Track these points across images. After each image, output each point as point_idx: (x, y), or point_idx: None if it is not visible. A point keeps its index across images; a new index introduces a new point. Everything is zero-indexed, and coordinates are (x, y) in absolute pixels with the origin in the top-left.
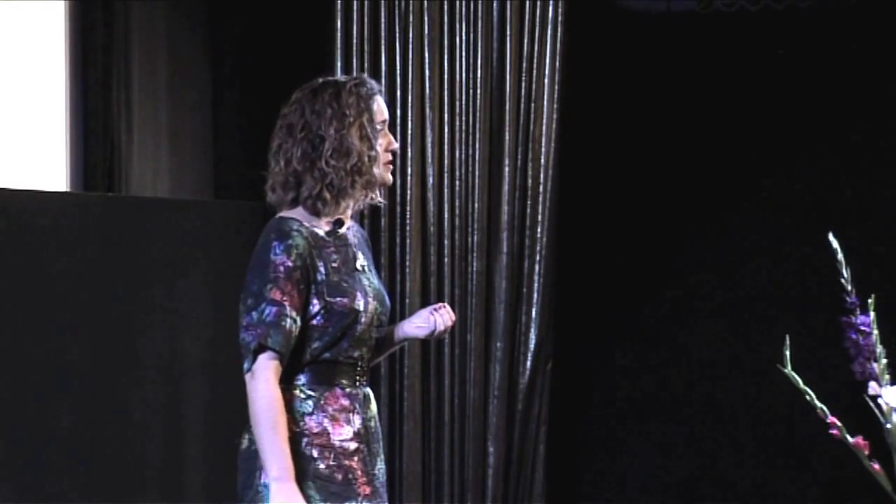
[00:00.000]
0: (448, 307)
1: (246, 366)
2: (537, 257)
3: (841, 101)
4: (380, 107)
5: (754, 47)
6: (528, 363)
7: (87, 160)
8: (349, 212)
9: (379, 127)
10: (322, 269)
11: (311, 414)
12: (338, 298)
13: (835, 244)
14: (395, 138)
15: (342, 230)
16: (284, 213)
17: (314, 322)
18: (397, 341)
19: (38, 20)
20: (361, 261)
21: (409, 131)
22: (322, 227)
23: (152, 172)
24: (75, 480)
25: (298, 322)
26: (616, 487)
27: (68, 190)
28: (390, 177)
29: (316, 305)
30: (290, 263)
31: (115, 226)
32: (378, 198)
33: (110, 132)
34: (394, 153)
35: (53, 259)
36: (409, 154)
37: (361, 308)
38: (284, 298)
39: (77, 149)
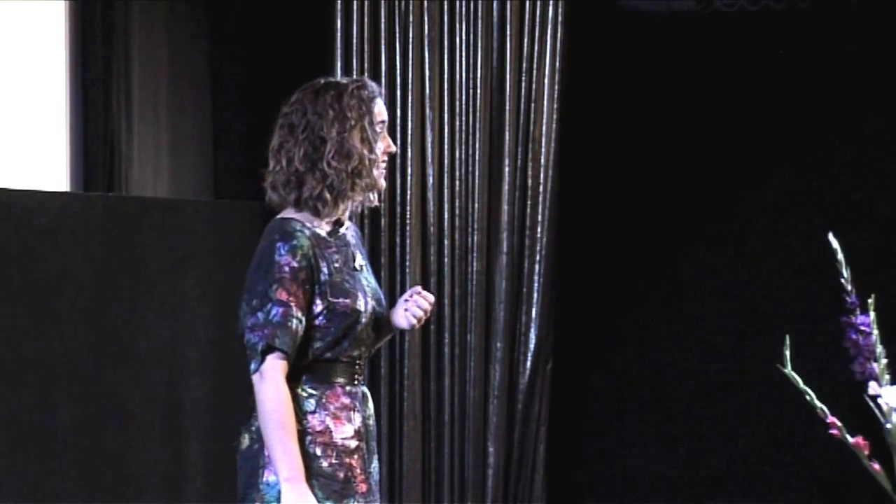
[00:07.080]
0: (420, 291)
1: (253, 367)
2: (537, 257)
3: (841, 101)
4: (380, 109)
5: (754, 47)
6: (528, 363)
7: (87, 160)
8: (347, 213)
9: (379, 129)
10: (325, 270)
11: (313, 412)
12: (340, 299)
13: (835, 244)
14: (395, 138)
15: (342, 230)
16: (285, 214)
17: (317, 322)
18: (390, 331)
19: (38, 20)
20: (360, 260)
21: (409, 131)
22: (323, 228)
23: (152, 172)
24: (75, 480)
25: (304, 322)
26: (616, 487)
27: (68, 190)
28: (384, 181)
29: (319, 306)
30: (295, 264)
31: (115, 226)
32: (375, 201)
33: (110, 132)
34: (391, 156)
35: (53, 259)
36: (409, 154)
37: (362, 308)
38: (290, 299)
39: (77, 149)
